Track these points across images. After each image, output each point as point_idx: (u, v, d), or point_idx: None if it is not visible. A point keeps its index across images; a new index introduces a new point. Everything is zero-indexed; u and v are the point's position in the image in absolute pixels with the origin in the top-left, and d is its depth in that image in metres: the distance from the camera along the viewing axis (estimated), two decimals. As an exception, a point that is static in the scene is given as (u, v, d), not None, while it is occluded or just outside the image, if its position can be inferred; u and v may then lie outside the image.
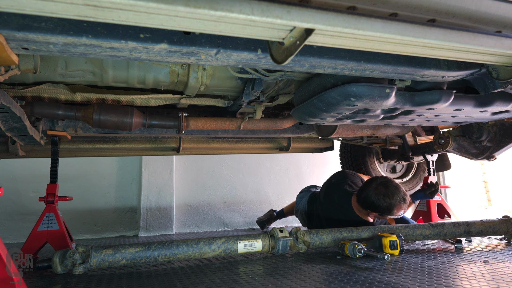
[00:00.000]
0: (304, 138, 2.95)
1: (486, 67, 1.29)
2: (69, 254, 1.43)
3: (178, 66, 1.61)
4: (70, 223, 2.69)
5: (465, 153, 2.33)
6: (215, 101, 1.92)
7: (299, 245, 1.76)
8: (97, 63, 1.54)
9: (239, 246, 1.65)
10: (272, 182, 3.97)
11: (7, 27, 0.82)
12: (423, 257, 1.69)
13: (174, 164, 3.55)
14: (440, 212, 2.65)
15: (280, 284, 1.26)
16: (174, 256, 1.55)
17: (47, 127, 1.89)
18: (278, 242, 1.71)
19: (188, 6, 0.66)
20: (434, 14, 1.02)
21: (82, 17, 0.71)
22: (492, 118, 1.95)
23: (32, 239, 1.84)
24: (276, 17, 0.72)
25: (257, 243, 1.69)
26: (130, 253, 1.49)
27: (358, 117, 1.75)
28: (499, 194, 5.24)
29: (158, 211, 3.39)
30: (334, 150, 3.22)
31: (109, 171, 3.44)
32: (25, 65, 1.22)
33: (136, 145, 2.50)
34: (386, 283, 1.23)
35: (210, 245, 1.60)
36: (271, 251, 1.73)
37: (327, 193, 2.34)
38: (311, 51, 1.10)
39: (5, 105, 1.26)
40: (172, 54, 1.01)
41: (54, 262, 1.43)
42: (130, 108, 1.74)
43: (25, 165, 3.13)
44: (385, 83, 1.43)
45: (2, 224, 3.03)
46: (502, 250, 1.81)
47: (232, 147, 2.75)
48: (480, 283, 1.20)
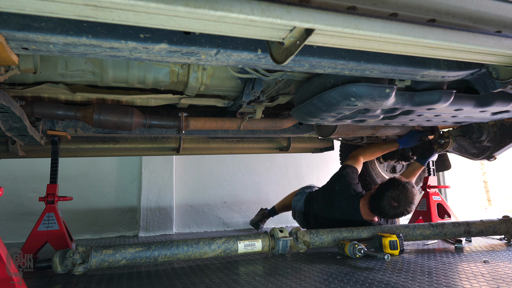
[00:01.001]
0: (304, 138, 2.95)
1: (486, 67, 1.29)
2: (69, 254, 1.43)
3: (178, 66, 1.61)
4: (70, 223, 2.69)
5: (465, 153, 2.33)
6: (215, 101, 1.92)
7: (299, 245, 1.76)
8: (97, 63, 1.54)
9: (239, 246, 1.65)
10: (272, 182, 3.97)
11: (7, 27, 0.82)
12: (423, 257, 1.69)
13: (174, 164, 3.55)
14: (440, 212, 2.65)
15: (280, 284, 1.26)
16: (174, 256, 1.55)
17: (47, 127, 1.89)
18: (278, 242, 1.71)
19: (188, 6, 0.66)
20: (434, 14, 1.02)
21: (82, 17, 0.71)
22: (492, 118, 1.95)
23: (32, 239, 1.84)
24: (276, 17, 0.72)
25: (257, 243, 1.69)
26: (130, 253, 1.49)
27: (358, 117, 1.75)
28: (499, 194, 5.24)
29: (158, 211, 3.39)
30: (334, 150, 3.22)
31: (109, 171, 3.44)
32: (25, 65, 1.22)
33: (136, 145, 2.50)
34: (386, 283, 1.23)
35: (210, 245, 1.60)
36: (271, 251, 1.73)
37: (332, 199, 2.33)
38: (311, 51, 1.10)
39: (5, 105, 1.26)
40: (172, 54, 1.01)
41: (54, 262, 1.43)
42: (130, 108, 1.74)
43: (25, 165, 3.13)
44: (385, 83, 1.43)
45: (2, 224, 3.03)
46: (502, 250, 1.81)
47: (232, 147, 2.75)
48: (480, 283, 1.20)
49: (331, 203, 2.31)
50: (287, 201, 3.05)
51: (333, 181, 2.42)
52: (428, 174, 2.71)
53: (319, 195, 2.49)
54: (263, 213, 3.22)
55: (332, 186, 2.39)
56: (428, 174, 2.72)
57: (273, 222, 3.59)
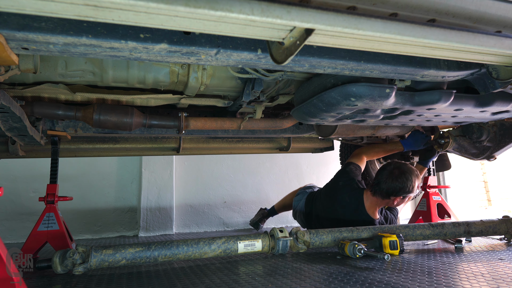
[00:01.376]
0: (304, 138, 2.95)
1: (486, 67, 1.29)
2: (69, 254, 1.43)
3: (178, 66, 1.61)
4: (70, 223, 2.69)
5: (465, 153, 2.33)
6: (215, 101, 1.92)
7: (299, 245, 1.76)
8: (97, 63, 1.54)
9: (239, 246, 1.65)
10: (272, 182, 3.97)
11: (7, 27, 0.82)
12: (423, 257, 1.69)
13: (174, 164, 3.55)
14: (440, 212, 2.65)
15: (280, 284, 1.26)
16: (174, 256, 1.55)
17: (47, 127, 1.89)
18: (278, 242, 1.71)
19: (188, 6, 0.66)
20: (434, 14, 1.02)
21: (82, 17, 0.71)
22: (492, 118, 1.95)
23: (32, 239, 1.84)
24: (276, 17, 0.72)
25: (257, 243, 1.69)
26: (130, 253, 1.49)
27: (358, 117, 1.75)
28: (499, 194, 5.24)
29: (158, 211, 3.39)
30: (334, 150, 3.22)
31: (109, 171, 3.44)
32: (25, 65, 1.22)
33: (136, 145, 2.50)
34: (386, 283, 1.23)
35: (210, 245, 1.60)
36: (271, 251, 1.73)
37: (336, 195, 2.34)
38: (311, 51, 1.10)
39: (5, 105, 1.26)
40: (172, 54, 1.01)
41: (54, 262, 1.43)
42: (130, 108, 1.74)
43: (25, 165, 3.13)
44: (385, 83, 1.43)
45: (2, 224, 3.03)
46: (502, 250, 1.81)
47: (232, 147, 2.75)
48: (480, 283, 1.20)
49: (335, 199, 2.32)
50: (287, 201, 3.05)
51: (337, 178, 2.45)
52: (428, 174, 2.71)
53: (322, 193, 2.49)
54: (263, 213, 3.22)
55: (336, 182, 2.42)
56: (428, 174, 2.72)
57: (273, 222, 3.59)
